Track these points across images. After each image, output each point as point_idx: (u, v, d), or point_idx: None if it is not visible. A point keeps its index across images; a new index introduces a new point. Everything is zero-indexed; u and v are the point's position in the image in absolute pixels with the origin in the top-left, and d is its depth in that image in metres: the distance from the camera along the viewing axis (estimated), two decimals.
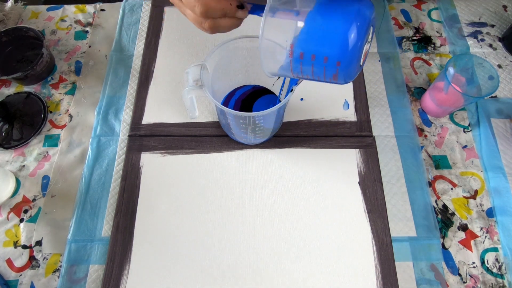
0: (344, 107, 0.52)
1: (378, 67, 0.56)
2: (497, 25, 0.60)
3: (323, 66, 0.29)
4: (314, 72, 0.31)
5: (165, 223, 0.45)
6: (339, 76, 0.30)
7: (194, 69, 0.39)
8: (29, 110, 0.53)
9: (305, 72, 0.31)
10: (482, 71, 0.47)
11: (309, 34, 0.28)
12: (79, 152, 0.50)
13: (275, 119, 0.44)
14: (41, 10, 0.63)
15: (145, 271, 0.43)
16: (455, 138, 0.51)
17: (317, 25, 0.28)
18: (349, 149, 0.49)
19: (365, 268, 0.42)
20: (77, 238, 0.45)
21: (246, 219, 0.45)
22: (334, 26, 0.28)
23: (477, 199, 0.47)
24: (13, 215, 0.47)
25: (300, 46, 0.29)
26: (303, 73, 0.31)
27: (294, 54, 0.29)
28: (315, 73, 0.31)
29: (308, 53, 0.29)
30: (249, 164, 0.49)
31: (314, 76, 0.31)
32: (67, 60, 0.58)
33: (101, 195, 0.47)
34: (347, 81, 0.31)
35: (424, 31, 0.60)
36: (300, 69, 0.31)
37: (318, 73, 0.30)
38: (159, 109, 0.53)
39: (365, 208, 0.46)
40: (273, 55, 0.31)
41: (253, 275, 0.42)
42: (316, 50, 0.29)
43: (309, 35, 0.28)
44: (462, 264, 0.43)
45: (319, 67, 0.30)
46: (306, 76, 0.32)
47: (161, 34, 0.59)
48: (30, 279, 0.43)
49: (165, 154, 0.49)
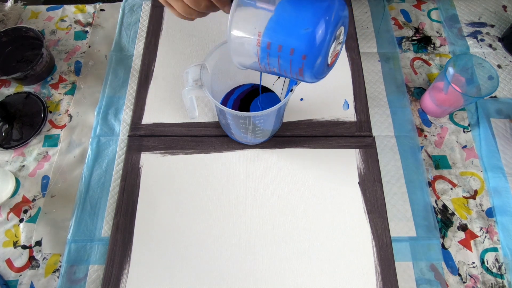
0: (344, 107, 0.52)
1: (378, 67, 0.56)
2: (496, 25, 0.60)
3: (289, 59, 0.29)
4: (281, 65, 0.30)
5: (165, 223, 0.45)
6: (305, 71, 0.29)
7: (193, 69, 0.39)
8: (29, 110, 0.53)
9: (272, 64, 0.30)
10: (482, 71, 0.47)
11: (278, 23, 0.28)
12: (79, 152, 0.50)
13: (275, 119, 0.44)
14: (41, 10, 0.63)
15: (145, 271, 0.43)
16: (455, 138, 0.51)
17: (286, 15, 0.28)
18: (349, 149, 0.49)
19: (365, 268, 0.42)
20: (77, 238, 0.45)
21: (246, 219, 0.45)
22: (302, 18, 0.27)
23: (477, 199, 0.47)
24: (12, 215, 0.47)
25: (268, 35, 0.28)
26: (270, 65, 0.30)
27: (262, 44, 0.29)
28: (282, 66, 0.30)
29: (275, 44, 0.28)
30: (249, 164, 0.49)
31: (280, 69, 0.31)
32: (67, 60, 0.58)
33: (101, 195, 0.47)
34: (314, 80, 0.31)
35: (424, 31, 0.60)
36: (267, 60, 0.30)
37: (285, 66, 0.30)
38: (159, 109, 0.53)
39: (365, 208, 0.46)
40: (241, 44, 0.30)
41: (253, 275, 0.42)
42: (283, 40, 0.28)
43: (278, 25, 0.28)
44: (462, 264, 0.43)
45: (285, 60, 0.29)
46: (273, 69, 0.31)
47: (161, 34, 0.59)
48: (30, 279, 0.43)
49: (165, 154, 0.49)
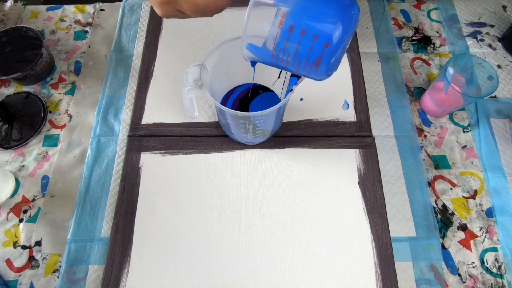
0: (343, 107, 0.52)
1: (378, 67, 0.56)
2: (496, 25, 0.60)
3: (311, 45, 0.28)
4: (298, 52, 0.29)
5: (165, 223, 0.45)
6: (323, 62, 0.29)
7: (193, 69, 0.38)
8: (29, 110, 0.53)
9: (289, 50, 0.30)
10: (482, 71, 0.47)
11: (305, 8, 0.28)
12: (79, 152, 0.50)
13: (275, 119, 0.44)
14: (41, 10, 0.63)
15: (145, 271, 0.43)
16: (455, 138, 0.51)
17: (314, 2, 0.28)
18: (349, 149, 0.49)
19: (364, 268, 0.42)
20: (77, 238, 0.45)
21: (246, 218, 0.45)
22: (331, 7, 0.28)
23: (477, 199, 0.47)
24: (12, 215, 0.47)
25: (293, 18, 0.28)
26: (285, 51, 0.30)
27: (284, 26, 0.28)
28: (299, 53, 0.29)
29: (299, 28, 0.28)
30: (249, 164, 0.49)
31: (296, 57, 0.30)
32: (66, 60, 0.58)
33: (100, 195, 0.47)
34: (323, 75, 0.31)
35: (423, 31, 0.60)
36: (285, 45, 0.29)
37: (303, 53, 0.29)
38: (159, 109, 0.53)
39: (365, 208, 0.46)
40: (260, 24, 0.29)
41: (253, 274, 0.42)
42: (309, 26, 0.28)
43: (305, 9, 0.28)
44: (462, 264, 0.43)
45: (306, 47, 0.29)
46: (286, 57, 0.30)
47: (160, 34, 0.59)
48: (30, 279, 0.43)
49: (164, 154, 0.49)
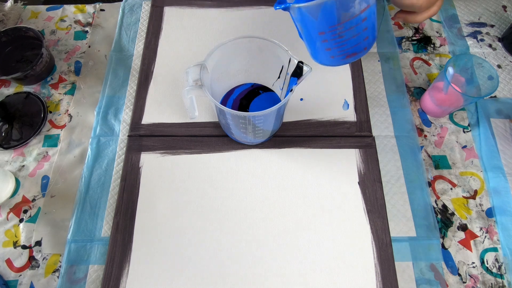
0: (343, 107, 0.52)
1: (378, 67, 0.56)
2: (496, 25, 0.60)
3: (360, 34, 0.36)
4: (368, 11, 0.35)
5: (165, 223, 0.45)
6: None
7: (193, 69, 0.38)
8: (29, 110, 0.53)
9: (347, 33, 0.35)
10: (482, 71, 0.47)
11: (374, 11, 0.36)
12: (79, 152, 0.50)
13: (275, 119, 0.44)
14: (41, 10, 0.63)
15: (145, 271, 0.43)
16: (455, 138, 0.51)
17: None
18: (349, 149, 0.49)
19: (364, 268, 0.42)
20: (77, 238, 0.45)
21: (246, 218, 0.45)
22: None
23: (477, 199, 0.47)
24: (12, 215, 0.47)
25: (368, 14, 0.34)
26: (346, 31, 0.35)
27: (363, 15, 0.34)
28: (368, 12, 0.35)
29: (369, 21, 0.35)
30: (249, 164, 0.49)
31: (361, 15, 0.35)
32: (66, 60, 0.58)
33: (100, 195, 0.47)
34: (363, 49, 0.38)
35: (423, 31, 0.60)
36: (350, 27, 0.35)
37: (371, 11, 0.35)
38: (159, 109, 0.53)
39: (365, 208, 0.46)
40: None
41: (253, 274, 0.42)
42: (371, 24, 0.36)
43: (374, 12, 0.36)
44: (462, 264, 0.43)
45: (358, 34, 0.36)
46: (351, 10, 0.34)
47: (161, 34, 0.59)
48: (30, 279, 0.43)
49: (164, 154, 0.49)
